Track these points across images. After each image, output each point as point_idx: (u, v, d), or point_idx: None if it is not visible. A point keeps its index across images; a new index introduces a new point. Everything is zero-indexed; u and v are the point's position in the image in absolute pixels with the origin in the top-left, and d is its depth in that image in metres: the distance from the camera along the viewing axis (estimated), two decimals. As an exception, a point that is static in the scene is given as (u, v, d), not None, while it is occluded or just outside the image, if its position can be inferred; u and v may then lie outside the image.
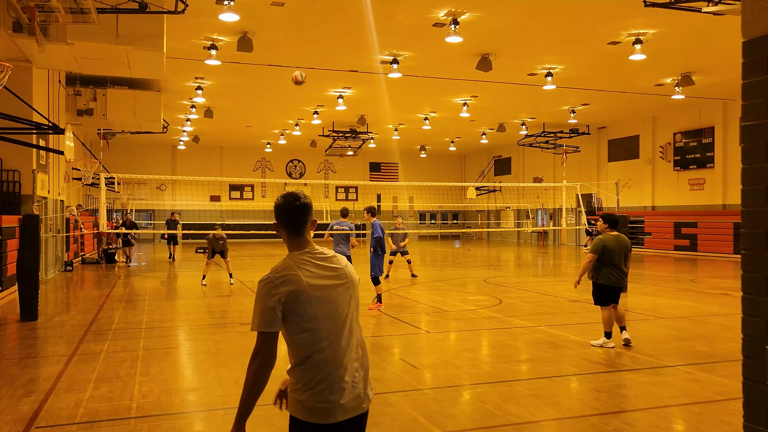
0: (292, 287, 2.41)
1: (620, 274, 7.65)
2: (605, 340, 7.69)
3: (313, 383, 2.46)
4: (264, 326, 2.41)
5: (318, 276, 2.50)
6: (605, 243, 7.61)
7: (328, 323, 2.47)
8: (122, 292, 13.22)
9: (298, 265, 2.49)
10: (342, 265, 2.63)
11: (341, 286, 2.56)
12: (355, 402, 2.48)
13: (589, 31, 14.64)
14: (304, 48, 15.82)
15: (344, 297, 2.56)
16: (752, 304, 2.50)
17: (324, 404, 2.42)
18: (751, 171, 2.52)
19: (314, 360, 2.46)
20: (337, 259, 2.63)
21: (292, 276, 2.43)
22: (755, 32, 2.50)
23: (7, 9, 8.75)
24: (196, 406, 5.40)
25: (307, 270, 2.49)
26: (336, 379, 2.45)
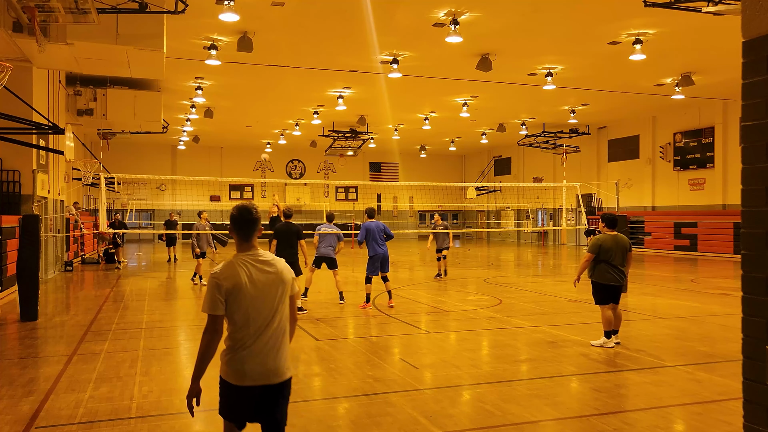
0: (233, 282, 3.13)
1: (617, 272, 7.68)
2: (605, 339, 7.71)
3: (235, 352, 3.19)
4: (211, 310, 3.15)
5: (254, 274, 3.18)
6: (601, 242, 7.69)
7: (256, 311, 3.17)
8: (122, 293, 13.22)
9: (239, 264, 3.19)
10: (277, 266, 3.28)
11: (272, 283, 3.22)
12: (263, 374, 3.16)
13: (589, 31, 14.64)
14: (304, 48, 15.82)
15: (273, 291, 3.22)
16: (752, 304, 2.50)
17: (239, 370, 3.18)
18: (751, 171, 2.52)
19: (240, 336, 3.18)
20: (273, 262, 3.27)
21: (234, 273, 3.15)
22: (755, 32, 2.50)
23: (7, 9, 8.75)
24: (196, 407, 5.39)
25: (246, 269, 3.18)
26: (252, 354, 3.15)
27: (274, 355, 3.20)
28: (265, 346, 3.19)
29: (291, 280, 3.34)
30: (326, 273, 14.70)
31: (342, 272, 13.99)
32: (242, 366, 3.18)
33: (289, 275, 3.33)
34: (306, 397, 5.63)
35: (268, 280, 3.22)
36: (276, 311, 3.23)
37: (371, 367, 6.63)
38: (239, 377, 3.20)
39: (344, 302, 11.34)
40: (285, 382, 3.24)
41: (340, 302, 11.30)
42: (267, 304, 3.21)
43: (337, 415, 5.14)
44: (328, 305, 11.39)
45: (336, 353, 7.36)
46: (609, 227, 7.82)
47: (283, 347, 3.26)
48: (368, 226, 10.77)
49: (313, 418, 5.02)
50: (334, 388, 5.92)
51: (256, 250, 3.29)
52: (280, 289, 3.25)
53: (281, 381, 3.21)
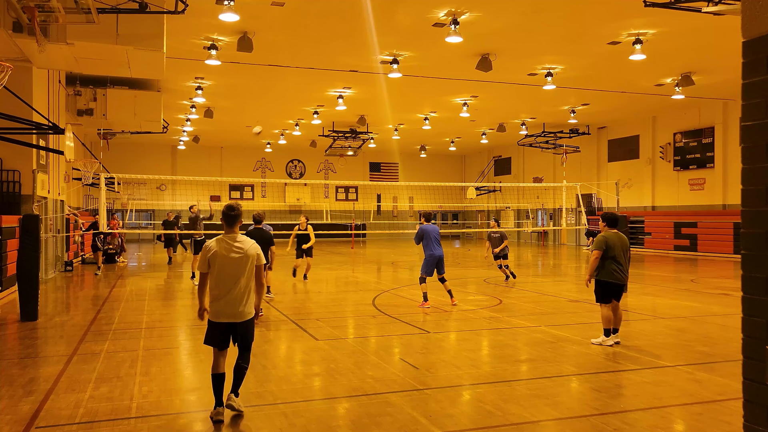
0: (213, 252, 4.96)
1: (623, 270, 7.73)
2: (604, 338, 7.74)
3: (213, 300, 4.99)
4: (201, 269, 5.06)
5: (226, 249, 4.97)
6: (608, 239, 7.74)
7: (225, 273, 4.95)
8: (122, 293, 13.21)
9: (220, 241, 5.02)
10: (244, 246, 5.03)
11: (239, 256, 4.98)
12: (230, 315, 4.98)
13: (589, 31, 14.64)
14: (304, 48, 15.82)
15: (239, 262, 4.97)
16: (752, 304, 2.50)
17: (215, 312, 5.01)
18: (751, 171, 2.53)
19: (216, 290, 4.97)
20: (242, 242, 5.04)
21: (214, 246, 4.98)
22: (755, 32, 2.50)
23: (7, 9, 8.76)
24: (196, 406, 5.40)
25: (222, 245, 4.98)
26: (223, 303, 4.96)
27: (238, 304, 4.97)
28: (233, 299, 4.95)
29: (255, 255, 5.04)
30: (327, 274, 14.71)
31: (343, 273, 14.01)
32: (217, 310, 4.98)
33: (254, 251, 5.04)
34: (306, 397, 5.63)
35: (236, 255, 4.96)
36: (240, 276, 4.95)
37: (371, 367, 6.63)
38: (215, 316, 5.01)
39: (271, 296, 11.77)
40: (246, 321, 5.05)
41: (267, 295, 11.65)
42: (234, 270, 4.94)
43: (337, 415, 5.14)
44: (329, 305, 11.39)
45: (336, 353, 7.36)
46: (610, 226, 7.88)
47: (246, 300, 5.01)
48: (425, 228, 11.04)
49: (313, 418, 5.02)
50: (334, 388, 5.92)
51: (235, 234, 5.06)
52: (245, 261, 4.98)
53: (243, 320, 5.03)
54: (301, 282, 14.84)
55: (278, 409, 5.25)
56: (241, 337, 5.06)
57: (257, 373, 6.40)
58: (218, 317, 4.97)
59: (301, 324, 9.30)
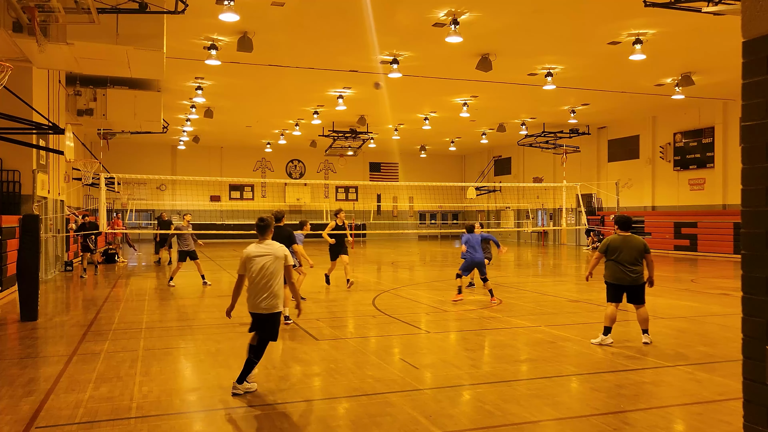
0: (249, 256, 5.77)
1: (627, 272, 7.81)
2: (603, 337, 7.80)
3: (250, 295, 5.80)
4: (239, 272, 5.84)
5: (257, 253, 5.79)
6: (609, 242, 8.01)
7: (258, 274, 5.73)
8: (122, 293, 13.22)
9: (253, 247, 5.83)
10: (272, 248, 5.85)
11: (268, 257, 5.78)
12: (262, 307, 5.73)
13: (589, 31, 14.64)
14: (304, 48, 15.82)
15: (268, 261, 5.76)
16: (752, 304, 2.51)
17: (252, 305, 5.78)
18: (751, 171, 2.53)
19: (251, 287, 5.77)
20: (270, 246, 5.87)
21: (251, 251, 5.80)
22: (755, 32, 2.50)
23: (7, 9, 8.75)
24: (196, 406, 5.40)
25: (256, 250, 5.81)
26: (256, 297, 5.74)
27: (269, 299, 5.73)
28: (262, 293, 5.72)
29: (283, 255, 5.83)
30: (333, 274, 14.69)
31: (343, 273, 14.01)
32: (253, 303, 5.77)
33: (282, 253, 5.83)
34: (306, 397, 5.63)
35: (265, 257, 5.77)
36: (271, 275, 5.74)
37: (371, 367, 6.63)
38: (252, 309, 5.80)
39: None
40: (272, 313, 5.77)
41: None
42: (263, 270, 5.73)
43: (337, 415, 5.14)
44: (329, 305, 11.39)
45: (336, 353, 7.36)
46: (621, 229, 8.11)
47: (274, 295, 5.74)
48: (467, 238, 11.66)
49: (313, 418, 5.02)
50: (334, 388, 5.92)
51: (266, 241, 5.90)
52: (273, 262, 5.77)
53: (270, 312, 5.76)
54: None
55: (279, 409, 5.26)
56: (266, 328, 5.78)
57: (257, 373, 6.40)
58: (254, 309, 5.79)
59: (301, 324, 9.30)
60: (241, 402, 5.46)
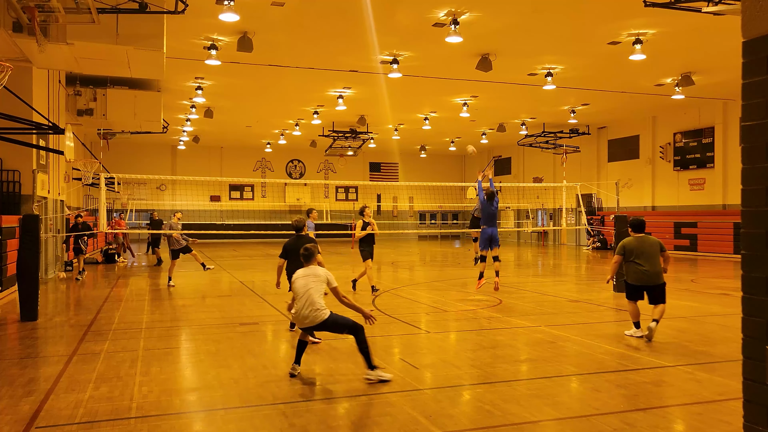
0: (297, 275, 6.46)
1: (646, 271, 8.10)
2: (634, 330, 8.28)
3: (295, 310, 6.38)
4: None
5: (303, 274, 6.41)
6: (625, 245, 8.35)
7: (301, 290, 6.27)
8: (122, 293, 13.22)
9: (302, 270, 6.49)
10: (317, 270, 6.42)
11: (311, 276, 6.33)
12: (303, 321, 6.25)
13: (589, 31, 14.64)
14: (304, 48, 15.82)
15: (311, 280, 6.30)
16: (752, 304, 2.51)
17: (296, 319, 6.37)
18: (751, 171, 2.53)
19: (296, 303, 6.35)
20: (314, 269, 6.43)
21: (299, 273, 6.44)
22: (755, 32, 2.50)
23: (7, 9, 8.75)
24: (196, 406, 5.40)
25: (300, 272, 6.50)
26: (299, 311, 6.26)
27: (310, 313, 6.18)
28: (305, 308, 6.20)
29: (325, 276, 6.33)
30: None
31: (343, 273, 13.98)
32: (296, 319, 6.33)
33: (324, 273, 6.36)
34: (306, 396, 5.63)
35: (307, 277, 6.33)
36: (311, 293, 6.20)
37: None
38: (297, 323, 6.39)
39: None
40: (323, 321, 6.20)
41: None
42: (306, 288, 6.23)
43: (337, 415, 5.14)
44: (328, 305, 11.37)
45: (336, 353, 7.36)
46: (635, 231, 8.39)
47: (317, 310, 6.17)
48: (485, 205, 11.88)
49: (313, 418, 5.02)
50: (334, 388, 5.92)
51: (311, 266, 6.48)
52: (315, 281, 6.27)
53: (318, 323, 6.20)
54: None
55: (278, 409, 5.26)
56: (334, 330, 6.33)
57: (257, 373, 6.40)
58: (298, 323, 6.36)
59: (301, 324, 9.29)
60: (240, 402, 5.46)
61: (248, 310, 10.75)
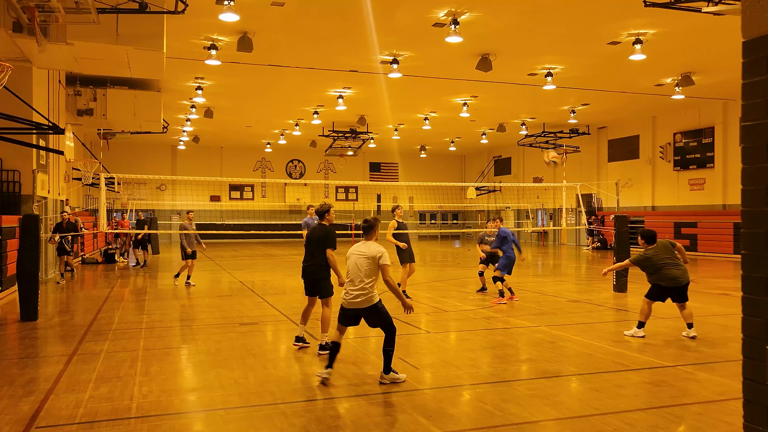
0: (349, 252, 6.22)
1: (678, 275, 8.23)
2: (636, 330, 8.30)
3: (344, 292, 6.13)
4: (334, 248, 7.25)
5: (357, 251, 6.17)
6: (646, 256, 8.35)
7: (352, 270, 6.10)
8: (122, 293, 13.21)
9: (355, 245, 6.29)
10: (370, 247, 6.14)
11: (363, 255, 6.09)
12: (355, 304, 6.01)
13: (589, 31, 14.64)
14: (304, 48, 15.82)
15: (362, 259, 6.08)
16: (752, 304, 2.51)
17: (343, 301, 6.08)
18: (751, 171, 2.53)
19: (347, 285, 6.14)
20: (369, 245, 6.18)
21: (352, 249, 6.22)
22: (755, 32, 2.50)
23: (7, 9, 8.76)
24: (196, 406, 5.40)
25: (355, 247, 6.23)
26: (348, 293, 6.07)
27: (359, 293, 5.99)
28: (355, 289, 6.01)
29: (376, 254, 6.04)
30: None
31: (343, 273, 13.93)
32: (345, 299, 6.09)
33: (376, 252, 6.07)
34: (306, 397, 5.63)
35: (360, 255, 6.10)
36: (362, 272, 6.02)
37: (371, 367, 6.63)
38: (345, 303, 6.07)
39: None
40: (370, 306, 5.99)
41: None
42: (358, 267, 6.05)
43: (337, 415, 5.14)
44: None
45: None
46: (649, 243, 8.48)
47: (367, 291, 5.97)
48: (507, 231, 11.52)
49: (313, 418, 5.02)
50: (334, 388, 5.92)
51: (367, 241, 6.24)
52: (367, 258, 6.05)
53: (367, 306, 6.00)
54: (300, 281, 14.74)
55: (278, 409, 5.25)
56: (373, 321, 6.05)
57: (257, 373, 6.40)
58: (348, 305, 6.03)
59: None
60: (240, 402, 5.47)
61: (248, 310, 10.75)
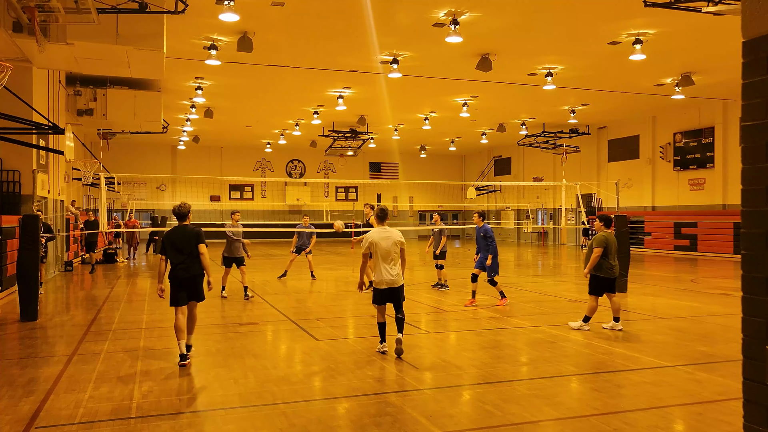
0: (372, 239, 7.07)
1: (616, 265, 8.61)
2: (582, 323, 8.64)
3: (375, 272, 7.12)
4: (365, 252, 7.18)
5: (380, 236, 7.06)
6: (608, 239, 8.51)
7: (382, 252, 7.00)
8: (122, 293, 13.21)
9: (376, 232, 7.16)
10: (392, 233, 7.13)
11: (389, 239, 7.04)
12: (387, 282, 7.04)
13: (589, 31, 14.64)
14: (304, 48, 15.82)
15: (389, 243, 7.03)
16: (752, 304, 2.50)
17: (377, 281, 7.12)
18: (751, 171, 2.53)
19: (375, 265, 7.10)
20: (390, 231, 7.17)
21: (373, 235, 7.10)
22: (755, 32, 2.50)
23: (7, 9, 8.76)
24: (196, 406, 5.39)
25: (377, 234, 7.10)
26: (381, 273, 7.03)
27: (391, 273, 7.01)
28: (385, 269, 7.00)
29: (398, 237, 7.10)
30: (327, 274, 14.70)
31: (343, 273, 13.98)
32: (378, 278, 7.05)
33: (397, 237, 7.11)
34: (306, 397, 5.63)
35: (386, 239, 7.02)
36: (390, 252, 7.00)
37: (371, 367, 6.63)
38: (378, 284, 7.07)
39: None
40: (399, 287, 7.09)
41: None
42: (386, 248, 6.99)
43: (337, 415, 5.14)
44: (329, 305, 11.39)
45: (336, 353, 7.36)
46: (607, 226, 8.67)
47: (396, 270, 7.06)
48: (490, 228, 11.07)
49: (313, 418, 5.02)
50: (334, 388, 5.92)
51: (385, 227, 7.23)
52: (393, 242, 7.04)
53: (396, 286, 7.07)
54: (300, 281, 14.78)
55: (278, 409, 5.25)
56: (396, 297, 7.12)
57: (257, 373, 6.40)
58: (380, 284, 7.04)
59: (301, 324, 9.30)
60: (240, 402, 5.47)
61: (248, 310, 10.75)
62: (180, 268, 6.98)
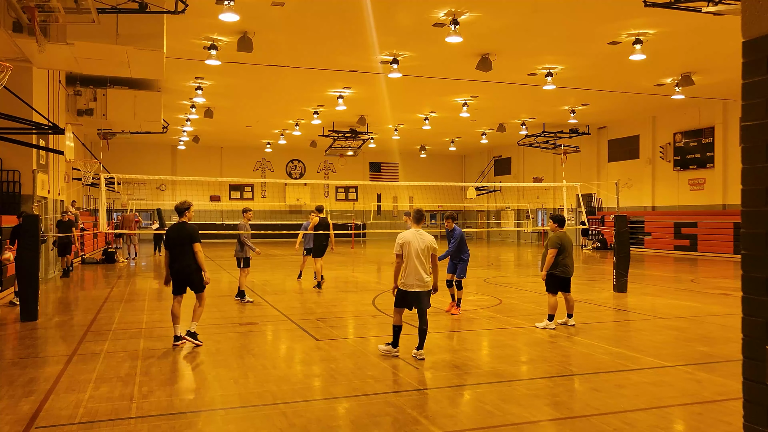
0: (405, 240, 6.95)
1: (571, 265, 8.91)
2: (547, 322, 8.77)
3: (403, 274, 6.95)
4: (396, 251, 7.00)
5: (414, 238, 6.94)
6: (561, 239, 8.79)
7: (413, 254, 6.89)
8: (122, 293, 13.21)
9: (411, 233, 7.02)
10: (425, 237, 7.00)
11: (425, 243, 6.93)
12: (414, 285, 6.88)
13: (589, 31, 14.64)
14: (304, 48, 15.82)
15: (420, 245, 6.91)
16: (752, 304, 2.50)
17: (403, 283, 6.94)
18: (751, 171, 2.53)
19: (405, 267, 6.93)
20: (423, 234, 7.02)
21: (407, 236, 6.98)
22: (755, 32, 2.50)
23: (7, 9, 8.76)
24: (196, 406, 5.40)
25: (411, 235, 6.98)
26: (409, 275, 6.89)
27: (418, 276, 6.87)
28: (414, 272, 6.86)
29: (432, 242, 6.98)
30: (327, 274, 14.57)
31: (343, 273, 13.95)
32: (405, 281, 6.91)
33: (430, 242, 6.98)
34: (306, 397, 5.63)
35: (419, 242, 6.92)
36: (420, 256, 6.89)
37: (371, 367, 6.63)
38: (404, 286, 6.92)
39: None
40: (426, 291, 6.93)
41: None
42: (423, 255, 6.90)
43: (337, 415, 5.14)
44: (329, 305, 11.39)
45: (336, 353, 7.36)
46: (561, 226, 8.98)
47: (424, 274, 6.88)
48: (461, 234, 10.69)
49: (313, 418, 5.02)
50: (334, 388, 5.92)
51: (420, 229, 7.10)
52: (424, 245, 6.93)
53: (422, 290, 6.89)
54: (300, 281, 14.76)
55: (278, 409, 5.25)
56: (420, 301, 6.92)
57: (257, 373, 6.40)
58: (406, 287, 6.91)
59: (301, 324, 9.30)
60: (240, 402, 5.47)
61: (248, 310, 10.75)
62: (177, 262, 7.70)
